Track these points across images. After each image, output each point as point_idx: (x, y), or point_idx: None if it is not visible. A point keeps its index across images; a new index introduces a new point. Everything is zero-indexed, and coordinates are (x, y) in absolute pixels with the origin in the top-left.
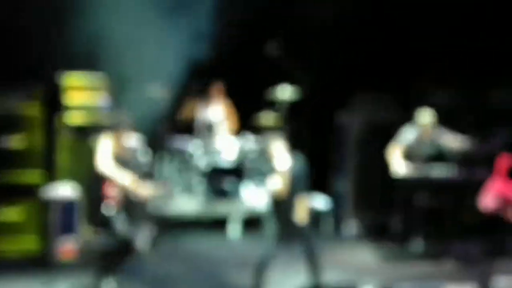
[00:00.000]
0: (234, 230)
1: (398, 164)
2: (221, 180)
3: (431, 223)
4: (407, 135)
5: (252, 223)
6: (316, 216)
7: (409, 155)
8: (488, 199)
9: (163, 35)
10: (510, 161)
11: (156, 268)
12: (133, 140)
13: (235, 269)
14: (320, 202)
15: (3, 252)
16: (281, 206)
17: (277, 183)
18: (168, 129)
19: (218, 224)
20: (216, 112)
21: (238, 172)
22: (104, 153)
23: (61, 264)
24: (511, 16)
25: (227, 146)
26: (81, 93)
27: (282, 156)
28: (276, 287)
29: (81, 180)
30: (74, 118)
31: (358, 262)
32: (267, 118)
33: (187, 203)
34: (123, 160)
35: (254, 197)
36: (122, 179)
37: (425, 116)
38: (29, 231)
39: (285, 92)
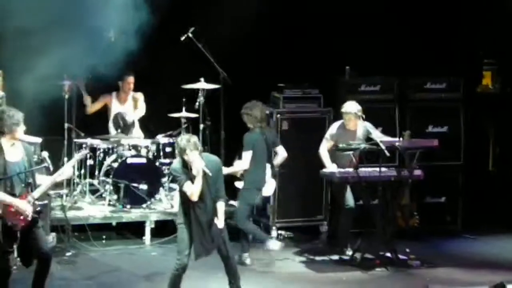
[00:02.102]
0: (146, 236)
1: (326, 161)
2: (133, 181)
3: (362, 225)
4: (333, 129)
5: (164, 228)
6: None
7: (338, 151)
8: None
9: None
10: None
11: (58, 279)
12: (19, 149)
13: (144, 279)
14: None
15: None
16: (196, 210)
17: (191, 186)
18: (75, 126)
19: (129, 230)
20: (129, 108)
21: (150, 173)
22: None
23: None
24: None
25: (140, 145)
26: None
27: (195, 158)
28: None
29: None
30: None
31: (284, 270)
32: (183, 116)
33: (95, 207)
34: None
35: (168, 200)
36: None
37: (349, 105)
38: None
39: (203, 86)
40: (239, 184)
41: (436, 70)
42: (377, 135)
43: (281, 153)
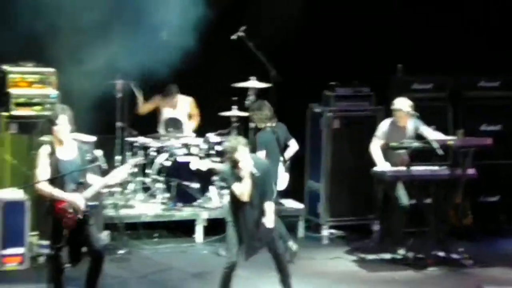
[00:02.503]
0: (197, 234)
1: (378, 159)
2: (185, 180)
3: (414, 224)
4: (383, 127)
5: (216, 227)
6: (288, 219)
7: (389, 149)
8: None
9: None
10: None
11: (111, 278)
12: (73, 147)
13: (196, 278)
14: (293, 203)
15: None
16: (245, 209)
17: (240, 186)
18: (128, 126)
19: (179, 228)
20: (180, 108)
21: (201, 171)
22: (42, 169)
23: (7, 272)
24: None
25: (192, 145)
26: (27, 87)
27: (244, 158)
28: None
29: (28, 179)
30: (19, 113)
31: (336, 270)
32: (233, 114)
33: (147, 206)
34: (58, 171)
35: (218, 199)
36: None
37: (400, 101)
38: None
39: (254, 85)
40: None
41: (490, 68)
42: (427, 132)
43: (293, 146)
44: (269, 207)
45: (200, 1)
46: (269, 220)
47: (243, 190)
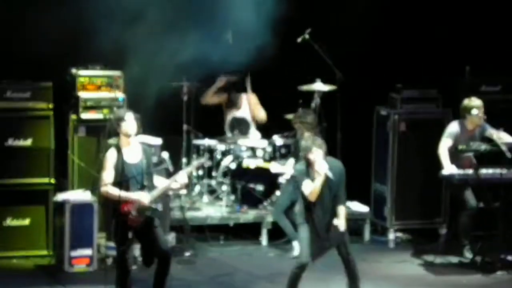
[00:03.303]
0: (263, 237)
1: (445, 162)
2: (250, 182)
3: (483, 228)
4: (451, 128)
5: (281, 230)
6: (355, 222)
7: (457, 152)
8: None
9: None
10: None
11: (178, 280)
12: (138, 150)
13: (263, 280)
14: (359, 206)
15: (13, 261)
16: (317, 211)
17: (310, 185)
18: (193, 127)
19: (245, 231)
20: (244, 107)
21: (267, 174)
22: (108, 172)
23: (75, 273)
24: None
25: (257, 146)
26: (95, 90)
27: (319, 159)
28: None
29: (96, 181)
30: (88, 116)
31: (403, 273)
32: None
33: (213, 208)
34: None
35: None
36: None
37: (472, 101)
38: (41, 238)
39: (319, 88)
40: (282, 179)
41: None
42: (495, 134)
43: None
44: (342, 210)
45: (265, 4)
46: (342, 223)
47: (313, 190)
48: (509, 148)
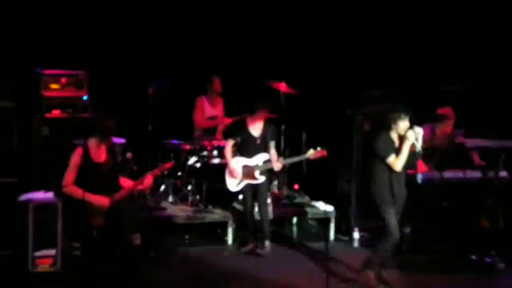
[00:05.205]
0: (229, 236)
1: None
2: (215, 182)
3: (446, 228)
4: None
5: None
6: (320, 220)
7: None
8: None
9: None
10: None
11: (144, 279)
12: (103, 150)
13: (229, 279)
14: (324, 206)
15: None
16: (392, 183)
17: (396, 158)
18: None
19: (211, 228)
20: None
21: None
22: (72, 171)
23: (39, 273)
24: None
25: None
26: (61, 89)
27: (407, 127)
28: None
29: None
30: (52, 115)
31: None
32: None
33: (178, 207)
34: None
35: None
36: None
37: (447, 113)
38: (4, 238)
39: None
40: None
41: None
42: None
43: None
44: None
45: None
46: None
47: (400, 160)
48: None
